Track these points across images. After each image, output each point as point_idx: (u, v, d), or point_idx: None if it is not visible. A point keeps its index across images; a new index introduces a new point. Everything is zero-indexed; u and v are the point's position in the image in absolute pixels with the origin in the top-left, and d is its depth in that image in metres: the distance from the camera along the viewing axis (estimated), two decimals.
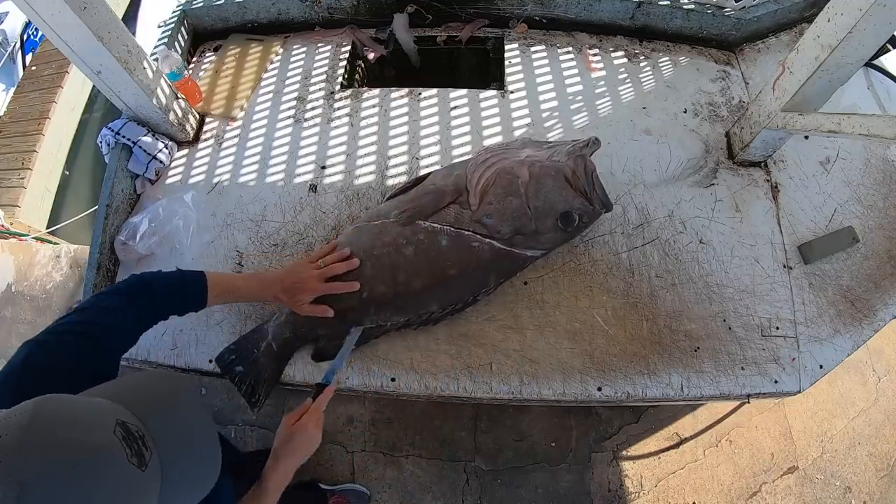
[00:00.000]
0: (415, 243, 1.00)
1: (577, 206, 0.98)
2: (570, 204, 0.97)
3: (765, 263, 1.12)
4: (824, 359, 1.06)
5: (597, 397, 1.02)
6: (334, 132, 1.33)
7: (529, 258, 1.03)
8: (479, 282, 1.02)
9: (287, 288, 0.95)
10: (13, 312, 2.39)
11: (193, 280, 0.86)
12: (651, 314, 1.08)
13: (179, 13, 1.49)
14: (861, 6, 0.82)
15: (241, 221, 1.22)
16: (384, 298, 1.00)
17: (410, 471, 1.79)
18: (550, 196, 0.97)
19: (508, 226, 0.98)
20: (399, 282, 0.99)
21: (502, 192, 0.98)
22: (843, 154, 1.25)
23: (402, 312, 1.02)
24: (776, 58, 1.39)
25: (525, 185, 0.98)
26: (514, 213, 0.97)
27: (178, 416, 0.49)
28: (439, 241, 0.99)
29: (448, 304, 1.02)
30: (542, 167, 0.99)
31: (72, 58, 1.08)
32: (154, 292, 0.80)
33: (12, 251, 2.53)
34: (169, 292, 0.82)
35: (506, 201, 0.98)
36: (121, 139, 1.24)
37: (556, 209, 0.97)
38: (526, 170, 0.99)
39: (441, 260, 0.99)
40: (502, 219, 0.98)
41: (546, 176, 0.98)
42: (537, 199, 0.97)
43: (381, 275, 0.99)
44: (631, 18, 1.41)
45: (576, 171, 0.97)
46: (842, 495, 1.81)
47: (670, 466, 1.81)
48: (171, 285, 0.83)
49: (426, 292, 1.00)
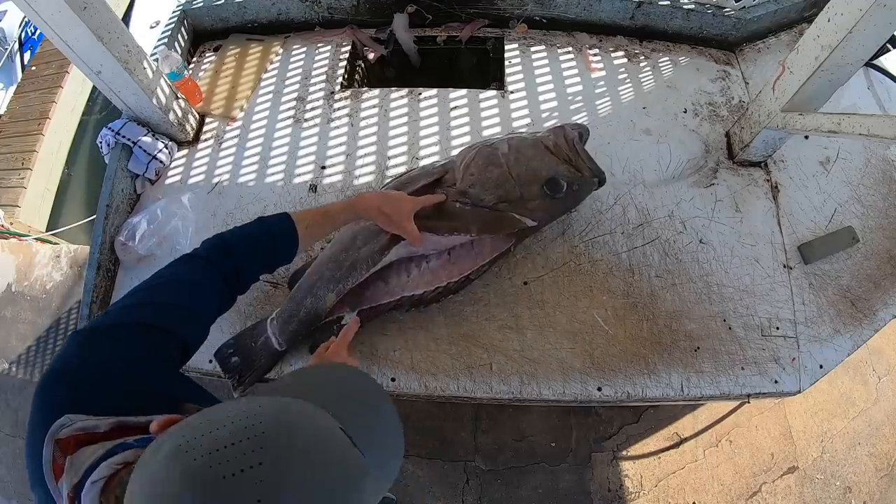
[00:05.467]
0: None
1: (562, 172, 1.00)
2: (555, 170, 1.00)
3: (765, 263, 1.12)
4: (824, 359, 1.06)
5: (597, 397, 1.02)
6: (334, 132, 1.33)
7: (519, 220, 1.02)
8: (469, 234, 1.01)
9: (385, 210, 0.90)
10: (13, 312, 2.39)
11: (279, 223, 0.78)
12: (651, 314, 1.08)
13: (179, 13, 1.49)
14: (861, 6, 0.82)
15: (241, 221, 1.19)
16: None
17: (410, 471, 1.79)
18: (532, 163, 1.00)
19: (492, 194, 1.00)
20: None
21: (483, 164, 1.01)
22: (843, 154, 1.25)
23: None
24: (776, 58, 1.39)
25: (504, 155, 1.01)
26: (497, 181, 1.00)
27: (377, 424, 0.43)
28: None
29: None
30: (521, 139, 1.03)
31: (72, 58, 1.08)
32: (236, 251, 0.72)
33: (12, 251, 2.53)
34: (254, 245, 0.74)
35: (487, 171, 1.00)
36: (121, 139, 1.24)
37: (540, 174, 0.99)
38: (505, 144, 1.03)
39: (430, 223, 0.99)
40: (485, 188, 1.00)
41: (525, 146, 1.02)
42: (518, 167, 1.00)
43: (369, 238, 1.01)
44: (631, 18, 1.41)
45: (556, 141, 1.00)
46: (842, 495, 1.80)
47: (670, 466, 1.81)
48: (255, 238, 0.75)
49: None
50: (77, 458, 0.43)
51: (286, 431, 0.32)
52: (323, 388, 0.43)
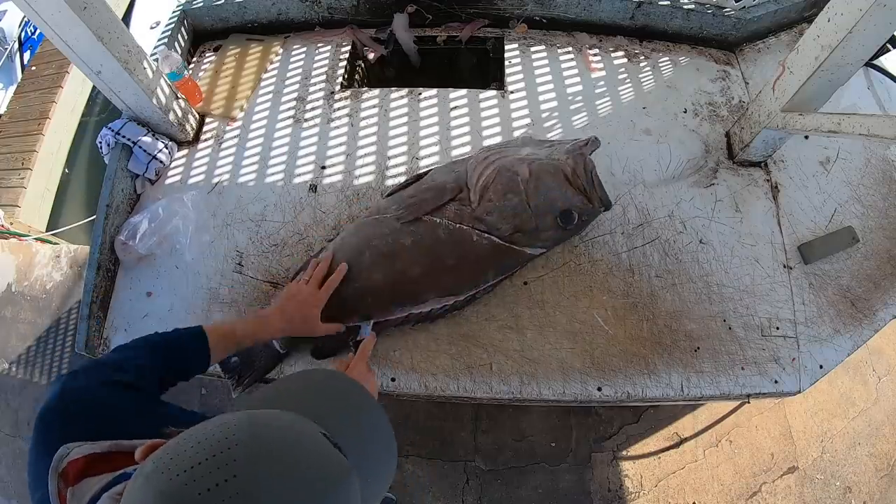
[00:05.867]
0: (413, 234, 1.00)
1: (576, 204, 0.98)
2: (570, 202, 0.98)
3: (765, 263, 1.12)
4: (824, 359, 1.06)
5: (597, 397, 1.02)
6: (334, 132, 1.33)
7: (529, 255, 1.03)
8: (477, 274, 1.02)
9: (291, 314, 0.90)
10: (13, 312, 2.39)
11: (192, 333, 0.77)
12: (651, 314, 1.08)
13: (179, 13, 1.49)
14: (861, 6, 0.82)
15: (241, 221, 1.22)
16: (381, 286, 1.00)
17: (410, 471, 1.79)
18: (550, 194, 0.97)
19: (509, 223, 0.98)
20: (396, 270, 0.99)
21: (502, 190, 0.98)
22: (843, 154, 1.25)
23: (398, 301, 1.01)
24: (776, 58, 1.39)
25: (525, 182, 0.98)
26: (514, 210, 0.98)
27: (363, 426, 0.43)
28: (438, 233, 1.00)
29: (445, 294, 1.02)
30: (542, 165, 0.99)
31: (72, 58, 1.08)
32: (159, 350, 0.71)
33: (12, 251, 2.53)
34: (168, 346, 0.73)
35: (506, 199, 0.98)
36: (121, 139, 1.24)
37: (556, 207, 0.97)
38: (526, 167, 0.99)
39: (439, 249, 0.99)
40: (502, 216, 0.98)
41: (546, 174, 0.98)
42: (537, 197, 0.97)
43: (379, 263, 1.00)
44: (631, 18, 1.41)
45: (575, 170, 0.97)
46: (842, 495, 1.81)
47: (670, 466, 1.81)
48: (170, 339, 0.75)
49: (423, 280, 1.00)
50: (79, 489, 0.44)
51: (258, 441, 0.32)
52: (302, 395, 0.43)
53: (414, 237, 1.00)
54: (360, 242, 1.02)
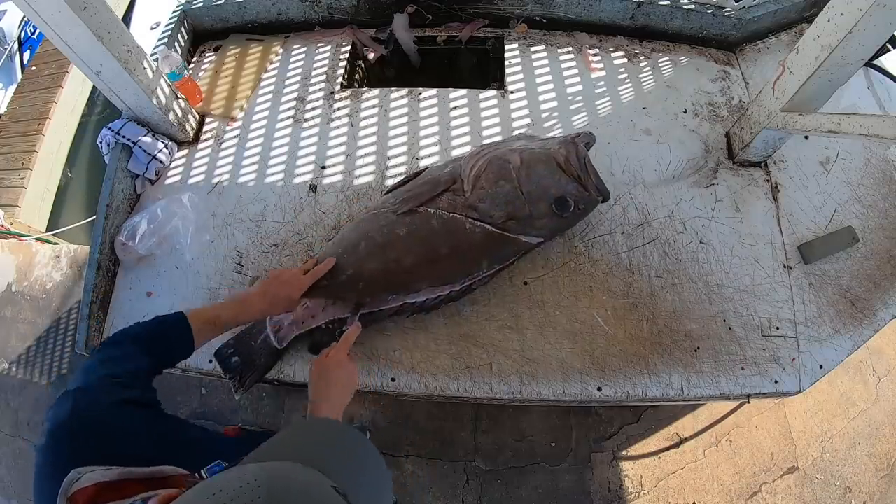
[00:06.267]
0: (408, 225, 1.01)
1: (571, 191, 0.99)
2: (565, 188, 0.98)
3: (765, 263, 1.12)
4: (824, 359, 1.06)
5: (597, 397, 1.02)
6: (334, 132, 1.33)
7: (525, 244, 1.03)
8: (471, 263, 1.02)
9: (273, 297, 0.90)
10: (13, 312, 2.39)
11: (174, 321, 0.76)
12: (651, 314, 1.08)
13: (179, 13, 1.49)
14: (861, 6, 0.82)
15: (241, 221, 1.22)
16: (375, 275, 1.00)
17: (410, 470, 1.79)
18: (543, 181, 0.98)
19: (501, 210, 0.99)
20: (390, 259, 1.00)
21: (494, 177, 0.99)
22: (843, 154, 1.25)
23: (392, 289, 1.02)
24: (776, 58, 1.39)
25: (516, 169, 0.99)
26: (507, 197, 0.98)
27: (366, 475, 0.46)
28: (432, 222, 1.00)
29: (439, 283, 1.02)
30: (534, 153, 1.00)
31: (72, 58, 1.08)
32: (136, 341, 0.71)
33: (12, 251, 2.53)
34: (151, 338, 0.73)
35: (497, 186, 0.99)
36: (121, 139, 1.24)
37: (550, 193, 0.98)
38: (517, 156, 1.00)
39: (433, 239, 0.99)
40: (495, 203, 0.99)
41: (537, 161, 0.99)
42: (529, 184, 0.98)
43: (374, 253, 1.00)
44: (631, 18, 1.41)
45: (568, 157, 0.98)
46: (842, 495, 1.80)
47: (670, 466, 1.81)
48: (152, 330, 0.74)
49: (416, 269, 1.00)
50: None
51: (279, 496, 0.33)
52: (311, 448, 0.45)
53: (408, 227, 1.00)
54: (358, 235, 1.03)
